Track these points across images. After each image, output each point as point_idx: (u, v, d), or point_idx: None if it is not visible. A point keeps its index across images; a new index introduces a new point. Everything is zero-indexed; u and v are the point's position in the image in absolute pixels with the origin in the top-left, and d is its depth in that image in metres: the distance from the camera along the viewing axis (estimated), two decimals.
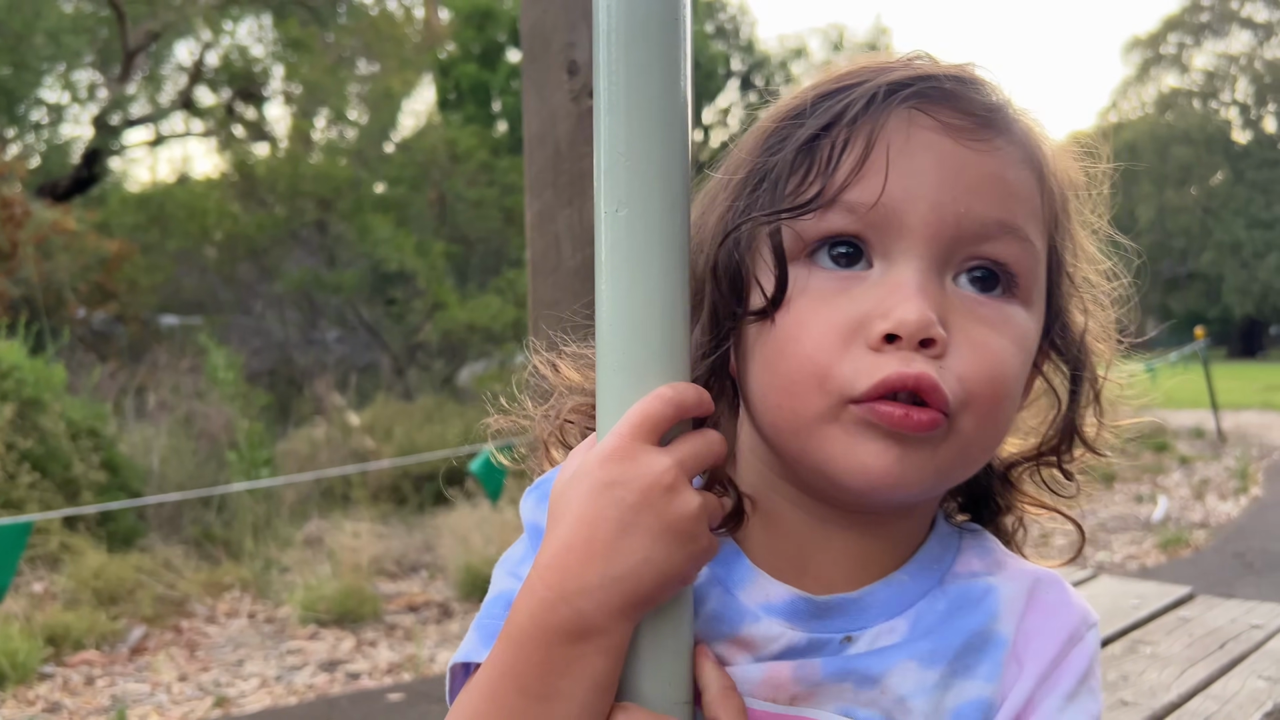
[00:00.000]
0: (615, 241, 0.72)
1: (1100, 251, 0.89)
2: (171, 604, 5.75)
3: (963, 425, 0.73)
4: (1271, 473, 10.73)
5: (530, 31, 1.73)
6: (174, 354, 8.87)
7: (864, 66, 0.79)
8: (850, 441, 0.72)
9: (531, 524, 0.85)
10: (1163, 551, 7.16)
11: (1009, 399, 0.76)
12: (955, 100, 0.75)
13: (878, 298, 0.72)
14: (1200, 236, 43.21)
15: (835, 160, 0.74)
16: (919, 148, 0.73)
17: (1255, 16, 46.74)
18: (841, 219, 0.74)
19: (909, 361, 0.71)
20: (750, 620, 0.79)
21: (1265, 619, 2.49)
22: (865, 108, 0.74)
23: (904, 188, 0.73)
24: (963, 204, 0.73)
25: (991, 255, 0.75)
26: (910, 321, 0.70)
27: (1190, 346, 14.80)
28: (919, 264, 0.73)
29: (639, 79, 0.71)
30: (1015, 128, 0.78)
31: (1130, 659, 2.21)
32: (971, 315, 0.74)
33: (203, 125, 18.70)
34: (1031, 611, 0.82)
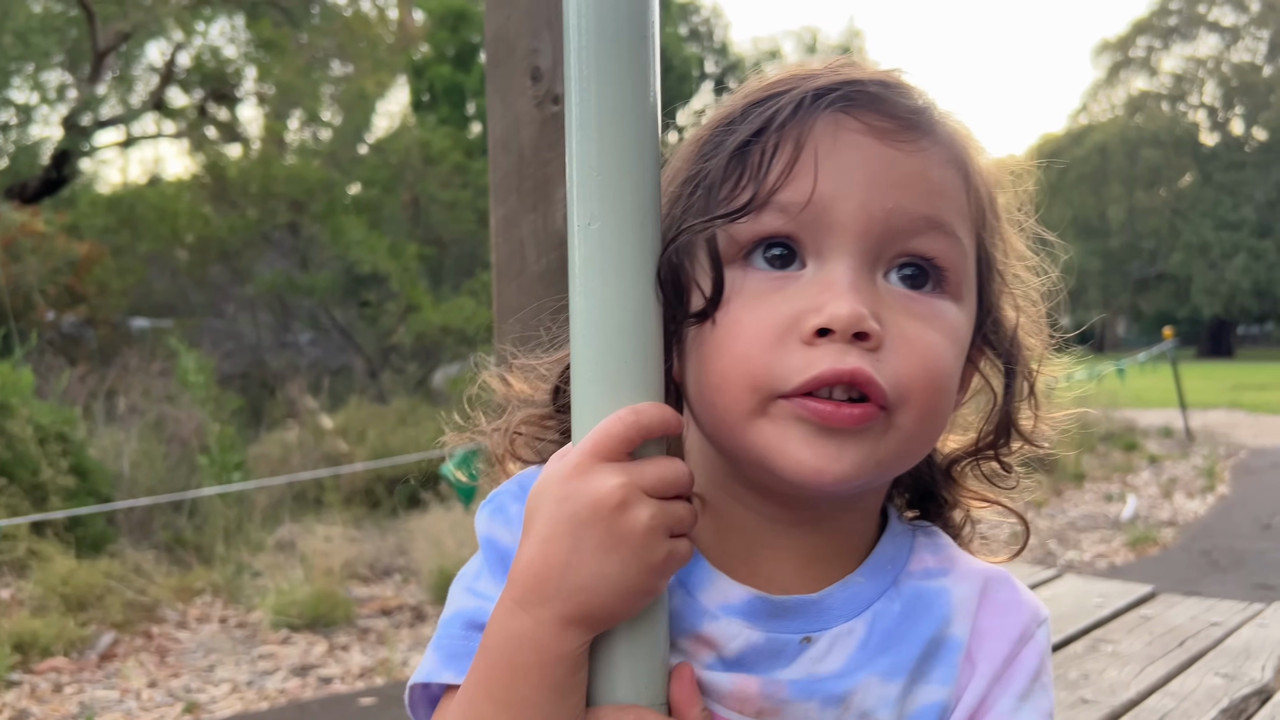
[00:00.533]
0: (588, 254, 0.73)
1: (1030, 249, 0.90)
2: (142, 609, 5.71)
3: (900, 419, 0.75)
4: (1238, 471, 10.86)
5: (494, 37, 1.74)
6: (145, 357, 8.80)
7: (792, 74, 0.81)
8: (782, 436, 0.74)
9: (485, 538, 0.86)
10: (1131, 550, 7.24)
11: (945, 392, 0.78)
12: (880, 104, 0.77)
13: (811, 294, 0.74)
14: (1169, 238, 43.67)
15: (766, 164, 0.76)
16: (846, 148, 0.76)
17: (1222, 20, 47.31)
18: (774, 220, 0.76)
19: (843, 356, 0.72)
20: (709, 620, 0.80)
21: (1224, 616, 2.54)
22: (793, 113, 0.76)
23: (833, 187, 0.75)
24: (890, 200, 0.75)
25: (920, 251, 0.77)
26: (843, 315, 0.72)
27: (1159, 347, 14.94)
28: (850, 261, 0.75)
29: (609, 92, 0.73)
30: (940, 129, 0.80)
31: (1091, 657, 2.24)
32: (904, 310, 0.76)
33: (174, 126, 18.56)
34: (984, 611, 0.84)
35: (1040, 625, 0.85)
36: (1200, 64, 47.67)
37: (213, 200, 12.27)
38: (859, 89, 0.77)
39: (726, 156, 0.78)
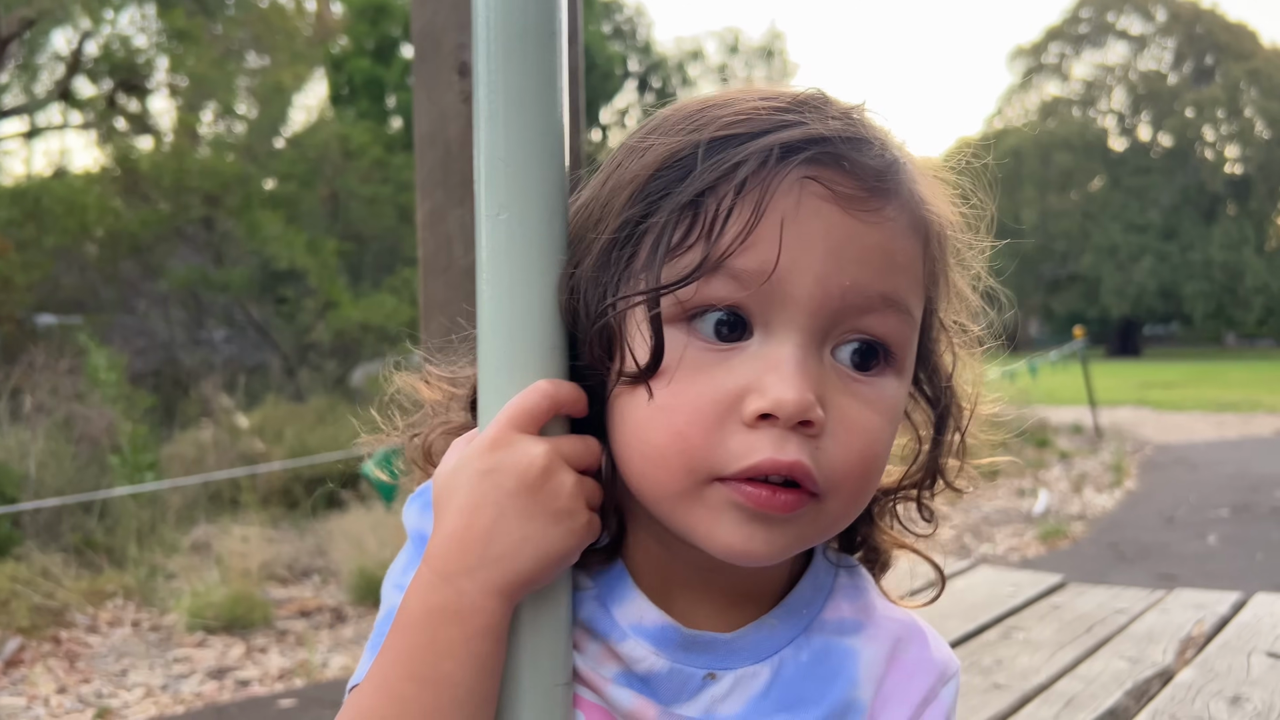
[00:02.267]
0: (496, 245, 0.74)
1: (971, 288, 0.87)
2: (50, 614, 5.54)
3: (830, 505, 0.73)
4: (1144, 466, 11.22)
5: (421, 32, 1.73)
6: (52, 354, 8.52)
7: (752, 110, 0.74)
8: (714, 518, 0.72)
9: (416, 531, 0.85)
10: (1043, 543, 7.44)
11: (877, 475, 0.76)
12: (847, 165, 0.72)
13: (756, 372, 0.70)
14: (1080, 239, 44.91)
15: (721, 224, 0.70)
16: (809, 216, 0.70)
17: (1130, 30, 48.81)
18: (724, 287, 0.71)
19: (783, 445, 0.69)
20: (619, 637, 0.80)
21: (1129, 603, 2.63)
22: (757, 169, 0.70)
23: (791, 259, 0.70)
24: (848, 276, 0.71)
25: (871, 331, 0.74)
26: (789, 402, 0.68)
27: (1070, 346, 15.38)
28: (800, 338, 0.71)
29: (517, 85, 0.74)
30: (903, 190, 0.75)
31: (1004, 644, 2.31)
32: (847, 391, 0.73)
33: (81, 117, 18.01)
34: (891, 674, 0.83)
35: (946, 684, 0.84)
36: (1109, 71, 49.14)
37: (123, 193, 11.93)
38: (828, 149, 0.71)
39: (677, 207, 0.71)
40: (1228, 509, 8.45)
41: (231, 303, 11.71)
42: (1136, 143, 47.36)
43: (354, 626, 5.52)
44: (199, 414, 9.19)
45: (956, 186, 0.84)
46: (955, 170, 0.85)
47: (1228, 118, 45.26)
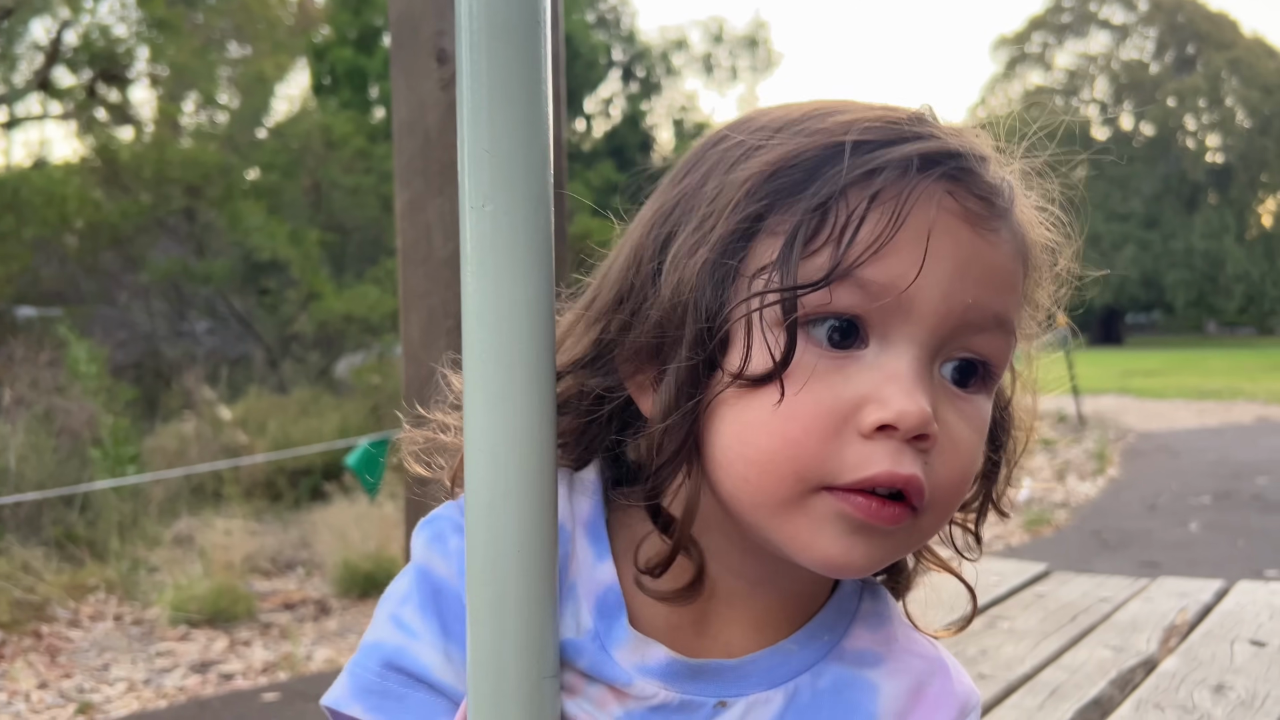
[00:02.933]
0: (480, 237, 0.72)
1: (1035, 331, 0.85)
2: (30, 609, 5.50)
3: (924, 520, 0.72)
4: (1127, 454, 11.29)
5: (399, 19, 1.71)
6: (32, 347, 8.45)
7: (880, 120, 0.73)
8: (816, 528, 0.70)
9: (421, 566, 0.80)
10: (1027, 531, 7.48)
11: (965, 494, 0.75)
12: (975, 182, 0.72)
13: (875, 383, 0.69)
14: None
15: (854, 231, 0.68)
16: (941, 231, 0.69)
17: (1112, 19, 48.99)
18: (851, 296, 0.69)
19: (899, 459, 0.68)
20: (624, 681, 0.77)
21: (1113, 592, 2.64)
22: (897, 179, 0.69)
23: (924, 273, 0.69)
24: (970, 295, 0.71)
25: (980, 351, 0.73)
26: (911, 414, 0.67)
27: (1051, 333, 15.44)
28: (918, 352, 0.70)
29: (501, 72, 0.71)
30: (1013, 212, 0.75)
31: (989, 634, 2.31)
32: (952, 408, 0.72)
33: (61, 107, 17.86)
34: (914, 712, 0.81)
35: (967, 716, 0.83)
36: (1092, 60, 49.32)
37: (104, 184, 11.83)
38: (961, 164, 0.71)
39: (809, 209, 0.69)
40: (1209, 496, 8.51)
41: (214, 294, 11.63)
42: (1119, 132, 47.55)
43: (338, 619, 5.50)
44: (181, 406, 9.13)
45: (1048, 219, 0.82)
46: (1048, 195, 0.83)
47: (1209, 107, 45.51)
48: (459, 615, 0.76)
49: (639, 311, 0.76)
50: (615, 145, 21.86)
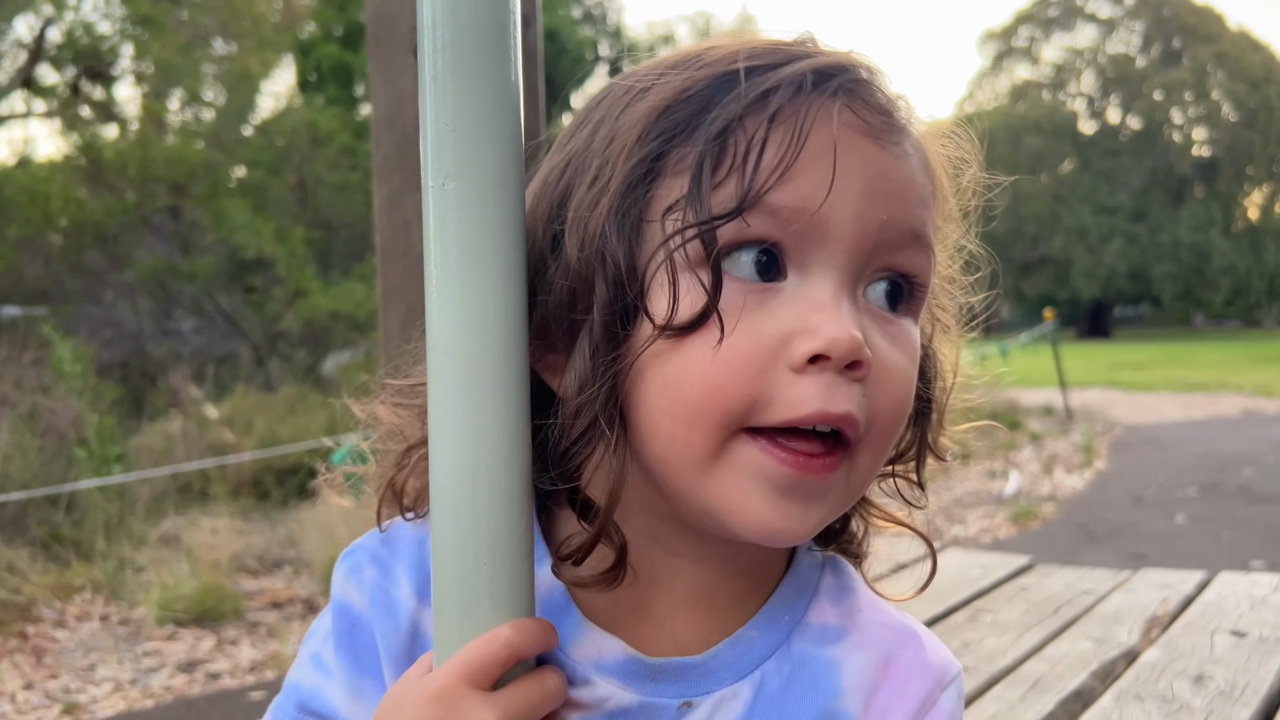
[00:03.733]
0: (443, 216, 0.67)
1: (948, 269, 0.83)
2: (15, 609, 5.47)
3: (860, 460, 0.68)
4: (1114, 447, 11.32)
5: (376, 13, 1.70)
6: (16, 346, 8.41)
7: (767, 46, 0.70)
8: (744, 490, 0.66)
9: (339, 601, 0.79)
10: (1014, 524, 7.49)
11: (903, 424, 0.72)
12: (871, 94, 0.69)
13: (800, 314, 0.65)
14: (1050, 222, 45.19)
15: (758, 154, 0.64)
16: (845, 149, 0.66)
17: (1099, 13, 49.09)
18: (764, 225, 0.65)
19: (832, 395, 0.64)
20: (581, 681, 0.74)
21: (1096, 584, 2.65)
22: (792, 97, 0.66)
23: (831, 194, 0.65)
24: (884, 211, 0.67)
25: (902, 268, 0.70)
26: (842, 340, 0.63)
27: (1040, 328, 15.48)
28: (839, 276, 0.66)
29: (465, 43, 0.67)
30: (913, 127, 0.72)
31: (972, 627, 2.32)
32: (882, 333, 0.69)
33: (45, 105, 17.76)
34: (884, 686, 0.77)
35: (946, 689, 0.79)
36: (1079, 54, 49.42)
37: (88, 182, 11.76)
38: (854, 77, 0.68)
39: (708, 139, 0.65)
40: (1195, 488, 8.55)
41: (200, 292, 11.59)
42: (1106, 126, 47.67)
43: None
44: (167, 405, 9.09)
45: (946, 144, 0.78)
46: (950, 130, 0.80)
47: (1195, 100, 45.63)
48: (371, 647, 0.76)
49: (542, 283, 0.71)
50: None
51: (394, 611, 0.76)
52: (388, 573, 0.78)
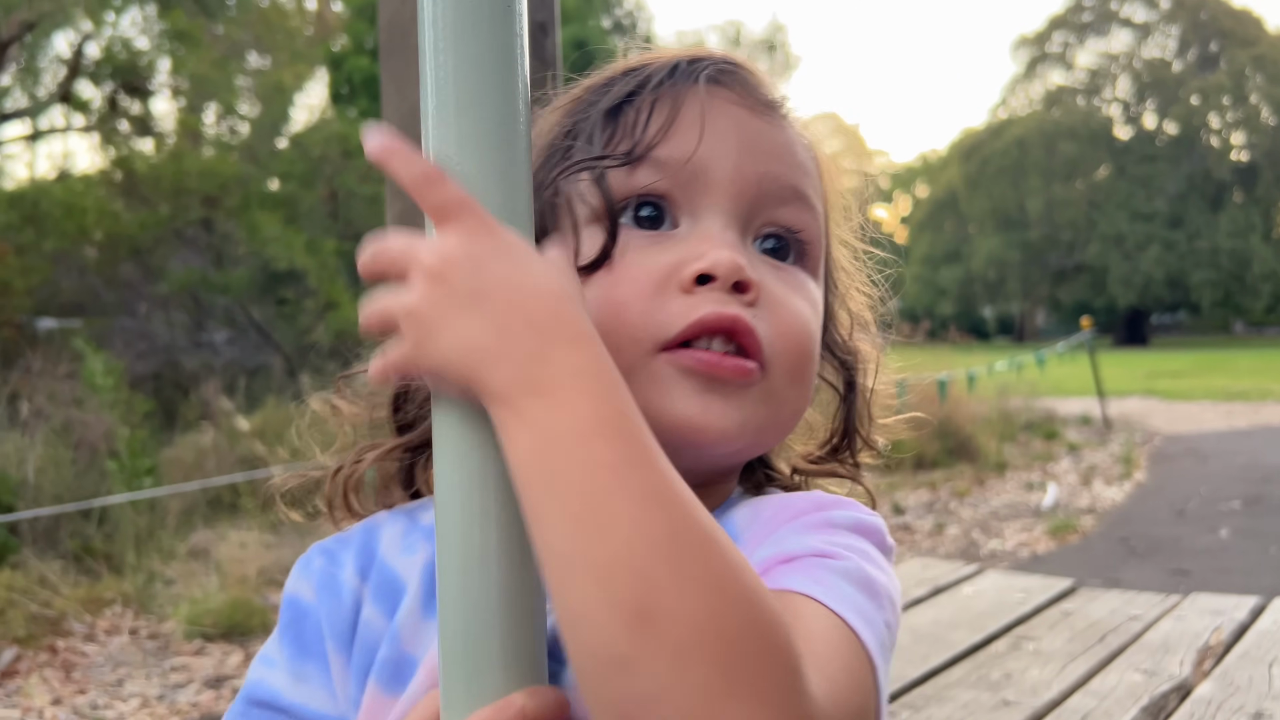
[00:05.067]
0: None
1: (854, 266, 0.92)
2: (46, 623, 5.48)
3: (775, 380, 0.74)
4: (1154, 458, 11.11)
5: (388, 25, 1.65)
6: (51, 359, 8.47)
7: (656, 55, 0.83)
8: (666, 391, 0.72)
9: (287, 598, 0.82)
10: (1052, 538, 7.34)
11: (813, 359, 0.79)
12: (746, 83, 0.80)
13: (689, 245, 0.74)
14: (1086, 229, 44.72)
15: (644, 122, 0.76)
16: (719, 114, 0.77)
17: (1134, 17, 48.57)
18: (649, 176, 0.75)
19: (724, 303, 0.72)
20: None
21: (1144, 609, 2.54)
22: (668, 76, 0.78)
23: (710, 146, 0.75)
24: (762, 165, 0.77)
25: (786, 221, 0.79)
26: (724, 261, 0.71)
27: (1077, 336, 15.27)
28: (724, 219, 0.76)
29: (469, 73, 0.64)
30: (795, 121, 0.83)
31: (1014, 656, 2.22)
32: (772, 274, 0.77)
33: (84, 120, 18.00)
34: (751, 526, 0.76)
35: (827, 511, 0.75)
36: (1114, 59, 48.90)
37: (123, 196, 11.88)
38: (726, 65, 0.80)
39: (602, 113, 0.78)
40: (1239, 501, 8.35)
41: (232, 304, 11.65)
42: (1142, 131, 47.11)
43: None
44: (199, 417, 9.12)
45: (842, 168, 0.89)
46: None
47: (1233, 104, 45.01)
48: (317, 633, 0.79)
49: None
50: None
51: (338, 592, 0.80)
52: (334, 559, 0.82)
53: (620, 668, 0.53)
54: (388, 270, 0.63)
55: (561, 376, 0.58)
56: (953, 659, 2.22)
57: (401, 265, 0.62)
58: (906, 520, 8.10)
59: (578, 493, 0.56)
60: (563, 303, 0.61)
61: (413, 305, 0.61)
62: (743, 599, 0.54)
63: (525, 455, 0.58)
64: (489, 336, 0.59)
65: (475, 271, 0.60)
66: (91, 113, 17.11)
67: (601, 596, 0.54)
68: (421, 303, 0.61)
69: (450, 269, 0.60)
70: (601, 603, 0.54)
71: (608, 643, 0.54)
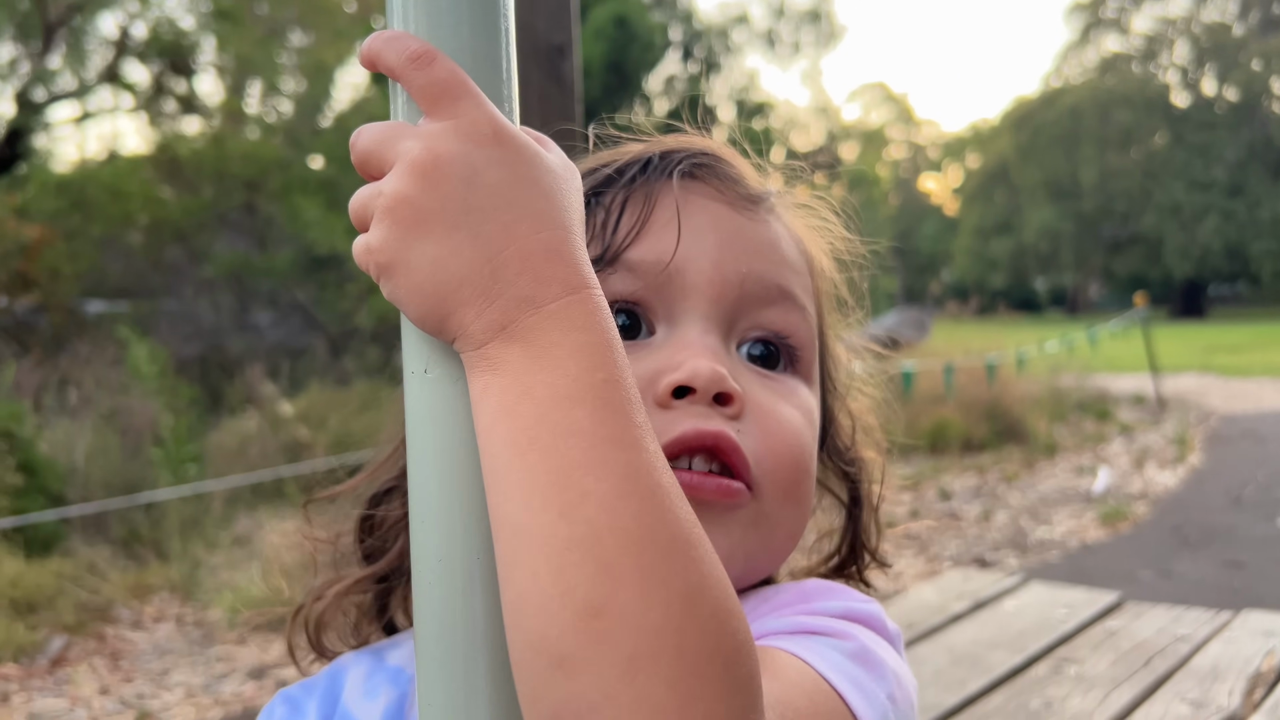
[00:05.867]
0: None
1: (852, 358, 0.86)
2: (95, 610, 5.56)
3: (765, 501, 0.67)
4: (1209, 440, 10.86)
5: None
6: (99, 344, 8.58)
7: (639, 140, 0.79)
8: None
9: None
10: (1103, 526, 7.20)
11: (809, 475, 0.71)
12: (724, 174, 0.75)
13: (667, 354, 0.68)
14: (1141, 199, 43.81)
15: (615, 222, 0.71)
16: (696, 210, 0.72)
17: None
18: (623, 282, 0.70)
19: (705, 417, 0.65)
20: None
21: (1192, 628, 2.45)
22: (641, 170, 0.73)
23: (686, 246, 0.70)
24: (744, 264, 0.71)
25: (773, 325, 0.72)
26: (703, 371, 0.65)
27: (1131, 313, 14.95)
28: (704, 324, 0.70)
29: None
30: (781, 210, 0.77)
31: (1055, 681, 2.15)
32: (759, 383, 0.70)
33: (132, 100, 18.19)
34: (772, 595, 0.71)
35: (813, 598, 0.70)
36: (1171, 24, 47.67)
37: (168, 179, 12.00)
38: (703, 156, 0.75)
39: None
40: None
41: (276, 287, 11.74)
42: (1200, 98, 45.92)
43: None
44: (244, 401, 9.21)
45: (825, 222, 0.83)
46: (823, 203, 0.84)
47: None
48: None
49: None
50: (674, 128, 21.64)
51: None
52: (297, 708, 0.79)
53: (560, 666, 0.47)
54: (369, 162, 0.55)
55: (553, 329, 0.51)
56: (990, 684, 2.15)
57: (385, 155, 0.54)
58: (953, 506, 7.98)
59: (547, 462, 0.49)
60: (568, 237, 0.53)
61: (390, 208, 0.52)
62: (712, 616, 0.48)
63: (494, 411, 0.51)
64: (475, 268, 0.51)
65: (469, 177, 0.52)
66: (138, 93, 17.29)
67: (553, 581, 0.48)
68: (401, 207, 0.52)
69: (440, 168, 0.52)
70: (552, 589, 0.47)
71: (552, 636, 0.47)
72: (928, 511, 7.80)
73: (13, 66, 16.58)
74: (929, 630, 2.45)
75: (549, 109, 1.59)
